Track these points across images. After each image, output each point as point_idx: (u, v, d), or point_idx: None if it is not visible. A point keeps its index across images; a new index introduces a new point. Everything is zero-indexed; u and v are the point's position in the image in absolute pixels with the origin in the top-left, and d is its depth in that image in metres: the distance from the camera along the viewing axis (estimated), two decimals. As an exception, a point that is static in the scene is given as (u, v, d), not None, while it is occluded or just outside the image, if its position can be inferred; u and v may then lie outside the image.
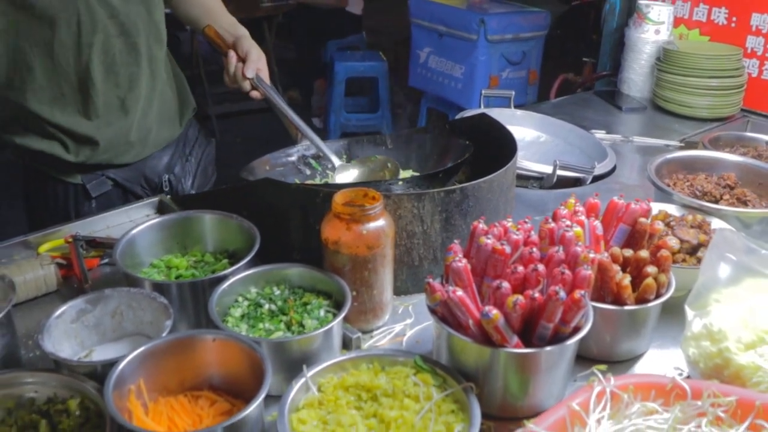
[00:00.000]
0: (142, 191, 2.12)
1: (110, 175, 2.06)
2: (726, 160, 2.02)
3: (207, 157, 2.32)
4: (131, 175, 2.10)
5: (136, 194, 2.12)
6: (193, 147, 2.27)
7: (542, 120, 2.69)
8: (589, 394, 1.12)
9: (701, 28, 3.14)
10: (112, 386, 1.12)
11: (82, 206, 2.04)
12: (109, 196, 2.06)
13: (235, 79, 1.97)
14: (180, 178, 2.19)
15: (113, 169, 2.06)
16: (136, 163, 2.09)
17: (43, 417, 1.16)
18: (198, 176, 2.26)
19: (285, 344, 1.28)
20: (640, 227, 1.44)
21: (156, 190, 2.14)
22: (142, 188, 2.13)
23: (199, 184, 2.26)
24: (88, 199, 2.04)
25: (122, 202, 2.06)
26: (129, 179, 2.09)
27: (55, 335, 1.28)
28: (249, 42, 2.00)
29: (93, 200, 2.04)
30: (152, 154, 2.13)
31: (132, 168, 2.09)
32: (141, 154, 2.09)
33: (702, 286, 1.33)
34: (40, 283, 1.58)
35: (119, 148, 2.03)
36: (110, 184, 2.06)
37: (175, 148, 2.20)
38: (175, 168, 2.18)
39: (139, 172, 2.11)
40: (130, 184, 2.10)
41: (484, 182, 1.60)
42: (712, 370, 1.22)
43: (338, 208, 1.40)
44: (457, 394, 1.21)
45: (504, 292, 1.19)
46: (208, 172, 2.32)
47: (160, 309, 1.33)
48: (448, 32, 5.28)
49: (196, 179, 2.25)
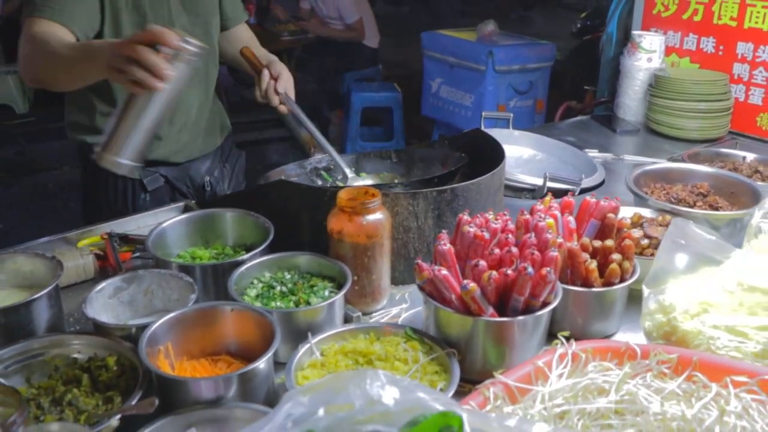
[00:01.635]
0: (186, 190, 2.43)
1: (162, 172, 2.36)
2: (701, 171, 2.20)
3: (239, 167, 2.65)
4: (179, 174, 2.40)
5: (181, 191, 2.41)
6: (228, 157, 2.60)
7: (538, 139, 2.88)
8: (553, 355, 1.30)
9: (691, 56, 3.33)
10: (145, 344, 1.31)
11: (137, 199, 2.34)
12: (160, 192, 2.37)
13: (266, 94, 2.25)
14: (219, 180, 2.52)
15: (165, 168, 2.36)
16: (183, 165, 2.40)
17: (84, 372, 1.35)
18: (232, 180, 2.59)
19: (293, 314, 1.48)
20: (608, 222, 1.63)
21: (198, 189, 2.46)
22: (187, 187, 2.43)
23: (233, 186, 2.59)
24: (144, 192, 2.33)
25: (170, 198, 2.37)
26: (177, 178, 2.40)
27: (96, 307, 1.48)
28: (281, 65, 2.29)
29: (148, 194, 2.34)
30: (196, 159, 2.44)
31: (180, 168, 2.40)
32: (190, 155, 2.40)
33: (659, 269, 1.51)
34: (80, 271, 1.79)
35: (174, 147, 2.33)
36: (162, 181, 2.36)
37: (215, 156, 2.52)
38: (214, 172, 2.51)
39: (185, 172, 2.42)
40: (178, 183, 2.40)
41: (472, 184, 1.80)
42: (662, 338, 1.41)
43: (342, 202, 1.60)
44: (441, 358, 1.40)
45: (481, 269, 1.39)
46: (239, 179, 2.65)
47: (186, 287, 1.53)
48: (458, 63, 5.53)
49: (231, 183, 2.58)
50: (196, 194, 2.46)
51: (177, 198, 2.39)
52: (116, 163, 1.58)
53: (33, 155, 6.74)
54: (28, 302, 1.45)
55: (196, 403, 1.24)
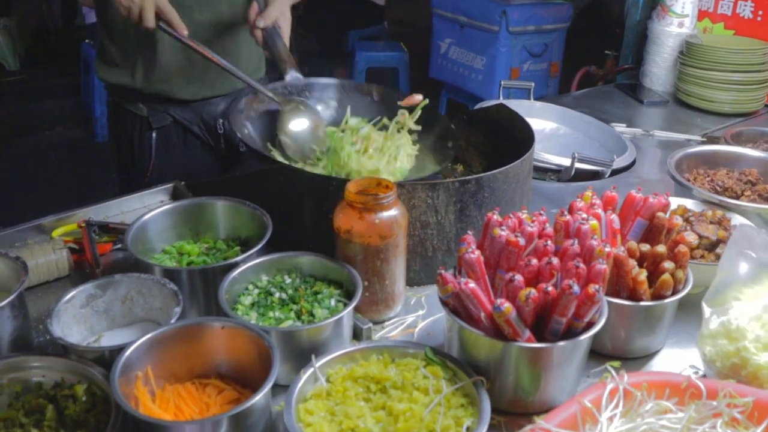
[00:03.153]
0: (199, 131, 2.31)
1: (170, 112, 2.25)
2: (748, 155, 1.98)
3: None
4: (190, 115, 2.28)
5: (194, 133, 2.31)
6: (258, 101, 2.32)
7: (562, 112, 2.65)
8: (602, 391, 1.09)
9: (726, 22, 3.09)
10: (119, 372, 1.11)
11: (144, 135, 2.26)
12: (168, 131, 2.27)
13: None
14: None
15: (174, 108, 2.25)
16: (195, 105, 2.27)
17: (50, 402, 1.15)
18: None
19: (294, 333, 1.27)
20: (658, 222, 1.41)
21: (211, 131, 2.33)
22: (199, 128, 2.31)
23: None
24: (150, 130, 2.25)
25: (182, 140, 2.30)
26: (188, 118, 2.28)
27: (65, 320, 1.28)
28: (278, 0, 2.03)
29: (153, 131, 2.25)
30: (210, 100, 2.29)
31: (191, 108, 2.27)
32: (198, 93, 2.25)
33: (720, 283, 1.30)
34: (51, 268, 1.58)
35: (178, 81, 2.19)
36: (170, 120, 2.26)
37: (235, 99, 2.26)
38: (230, 115, 2.24)
39: (197, 113, 2.29)
40: (189, 123, 2.29)
41: (500, 173, 1.58)
42: (729, 370, 1.20)
43: (351, 197, 1.38)
44: (467, 387, 1.19)
45: (517, 285, 1.17)
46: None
47: (169, 295, 1.32)
48: (470, 23, 5.24)
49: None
50: (209, 136, 2.33)
51: (189, 140, 2.32)
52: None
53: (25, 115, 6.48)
54: (-14, 314, 1.24)
55: (179, 448, 1.04)
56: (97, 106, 5.80)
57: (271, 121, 1.88)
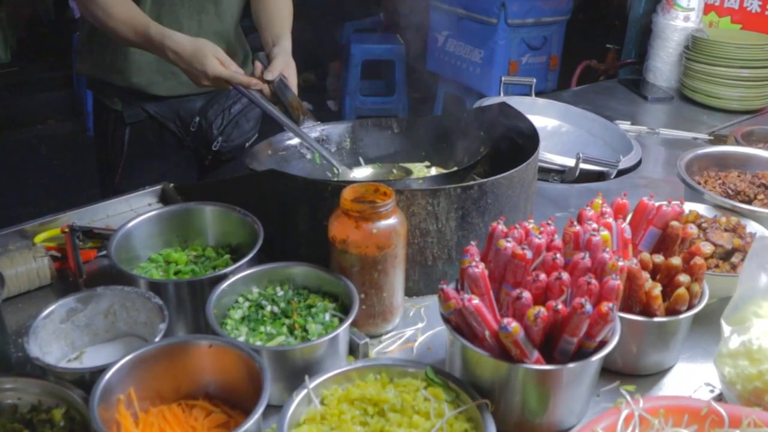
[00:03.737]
0: (175, 128, 2.26)
1: (146, 107, 2.21)
2: (760, 156, 1.90)
3: (249, 113, 2.35)
4: (166, 111, 2.23)
5: (169, 129, 2.26)
6: (237, 101, 2.31)
7: (564, 109, 2.57)
8: (617, 418, 1.03)
9: (733, 16, 3.01)
10: (98, 398, 1.04)
11: (118, 131, 2.23)
12: (142, 127, 2.23)
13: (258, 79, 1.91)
14: (211, 123, 2.28)
15: (150, 104, 2.20)
16: (170, 100, 2.22)
17: (25, 426, 1.09)
18: (230, 126, 2.31)
19: (287, 353, 1.19)
20: (672, 231, 1.34)
21: (187, 128, 2.28)
22: (175, 125, 2.26)
23: (230, 134, 2.32)
24: (123, 125, 2.21)
25: (157, 136, 2.25)
26: (163, 114, 2.23)
27: (43, 336, 1.20)
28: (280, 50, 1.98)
29: (127, 126, 2.21)
30: (188, 97, 2.24)
31: (167, 104, 2.23)
32: (175, 90, 2.20)
33: (740, 299, 1.23)
34: (33, 277, 1.50)
35: (154, 77, 2.15)
36: (144, 115, 2.21)
37: (214, 97, 2.28)
38: (208, 112, 2.27)
39: (173, 109, 2.24)
40: (164, 119, 2.24)
41: (503, 178, 1.50)
42: (751, 394, 1.12)
43: (347, 205, 1.30)
44: (470, 411, 1.12)
45: (524, 303, 1.10)
46: (244, 128, 2.35)
47: (154, 310, 1.24)
48: (468, 15, 5.14)
49: (226, 128, 2.31)
50: (185, 133, 2.28)
51: (165, 136, 2.27)
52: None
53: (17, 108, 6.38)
54: (-42, 332, 1.16)
55: (162, 482, 0.96)
56: (89, 99, 5.69)
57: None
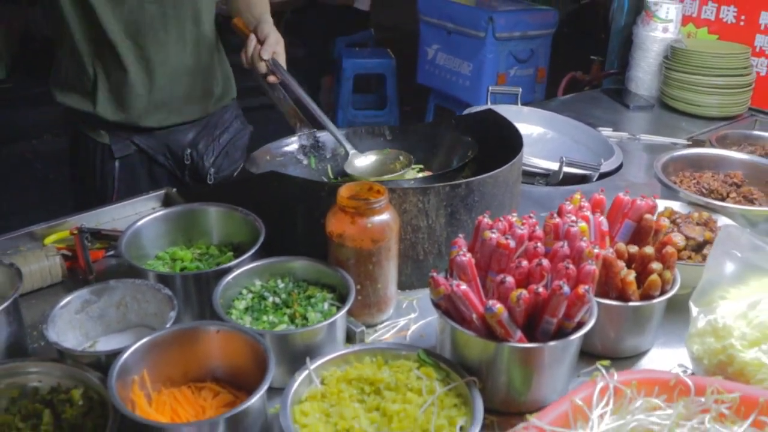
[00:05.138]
0: (165, 160, 2.25)
1: (135, 140, 2.18)
2: (733, 158, 2.01)
3: (237, 142, 2.38)
4: (155, 143, 2.21)
5: (159, 162, 2.24)
6: (225, 130, 2.34)
7: (549, 117, 2.68)
8: (592, 390, 1.11)
9: (710, 27, 3.13)
10: (116, 376, 1.12)
11: (106, 166, 2.18)
12: (132, 160, 2.20)
13: (251, 61, 2.01)
14: (202, 155, 2.27)
15: (139, 136, 2.18)
16: (160, 133, 2.20)
17: (46, 406, 1.16)
18: (221, 156, 2.32)
19: (288, 337, 1.28)
20: (645, 223, 1.43)
21: (178, 161, 2.26)
22: (165, 158, 2.25)
23: (220, 164, 2.32)
24: (112, 159, 2.17)
25: (146, 169, 2.23)
26: (152, 147, 2.21)
27: (60, 325, 1.28)
28: (269, 27, 2.06)
29: (116, 161, 2.17)
30: (178, 128, 2.22)
31: (156, 137, 2.20)
32: (165, 120, 2.18)
33: (707, 282, 1.33)
34: (45, 274, 1.59)
35: (143, 108, 2.12)
36: (133, 148, 2.19)
37: (204, 127, 2.29)
38: (198, 144, 2.27)
39: (162, 142, 2.22)
40: (154, 152, 2.22)
41: (489, 177, 1.60)
42: (716, 367, 1.22)
43: (343, 202, 1.40)
44: (460, 388, 1.21)
45: (508, 287, 1.19)
46: (234, 157, 2.36)
47: (164, 300, 1.33)
48: (457, 29, 5.27)
49: (218, 158, 2.31)
50: (176, 166, 2.27)
51: (154, 170, 2.25)
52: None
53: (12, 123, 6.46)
54: (-19, 321, 1.25)
55: (176, 450, 1.05)
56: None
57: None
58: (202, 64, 2.21)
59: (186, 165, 2.27)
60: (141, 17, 2.02)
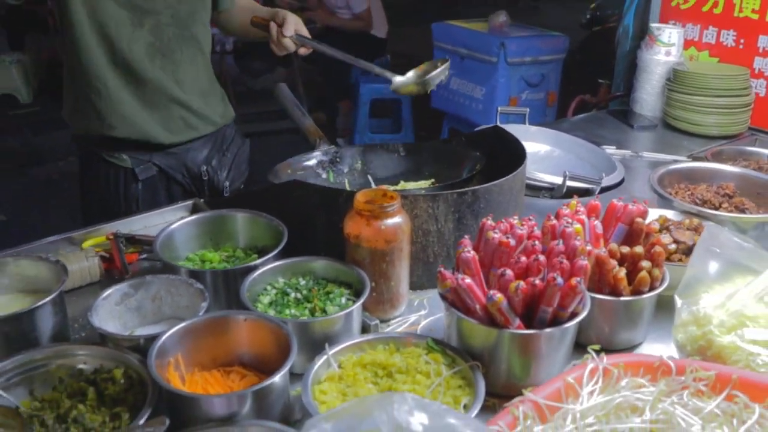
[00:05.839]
0: (182, 179, 2.38)
1: (155, 161, 2.30)
2: (725, 171, 2.13)
3: (242, 155, 2.56)
4: (174, 162, 2.35)
5: (177, 181, 2.37)
6: (230, 145, 2.51)
7: (555, 135, 2.81)
8: (583, 370, 1.23)
9: (710, 50, 3.25)
10: (155, 356, 1.25)
11: (129, 188, 2.29)
12: (153, 181, 2.32)
13: (279, 42, 2.21)
14: (217, 170, 2.43)
15: (158, 156, 2.31)
16: (178, 153, 2.34)
17: (90, 385, 1.29)
18: (232, 170, 2.50)
19: (309, 325, 1.41)
20: (636, 226, 1.56)
21: (195, 178, 2.40)
22: (183, 176, 2.38)
23: (233, 177, 2.50)
24: (135, 182, 2.29)
25: (165, 188, 2.36)
26: (171, 167, 2.35)
27: (102, 315, 1.42)
28: (284, 11, 2.27)
29: (139, 182, 2.29)
30: (192, 146, 2.37)
31: (174, 156, 2.34)
32: (182, 136, 2.33)
33: (692, 278, 1.44)
34: (84, 274, 1.73)
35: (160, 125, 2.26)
36: (155, 170, 2.32)
37: (213, 143, 2.43)
38: (212, 161, 2.42)
39: (180, 161, 2.36)
40: (173, 171, 2.35)
41: (494, 186, 1.73)
42: (697, 352, 1.34)
43: (359, 206, 1.53)
44: (464, 371, 1.33)
45: (508, 279, 1.32)
46: (241, 168, 2.55)
47: (196, 293, 1.46)
48: (470, 55, 5.44)
49: (230, 172, 2.48)
50: (193, 183, 2.40)
51: (172, 188, 2.37)
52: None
53: (37, 146, 6.68)
54: (32, 310, 1.38)
55: (209, 420, 1.17)
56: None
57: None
58: (209, 84, 2.40)
59: (204, 181, 2.41)
60: (160, 38, 2.18)
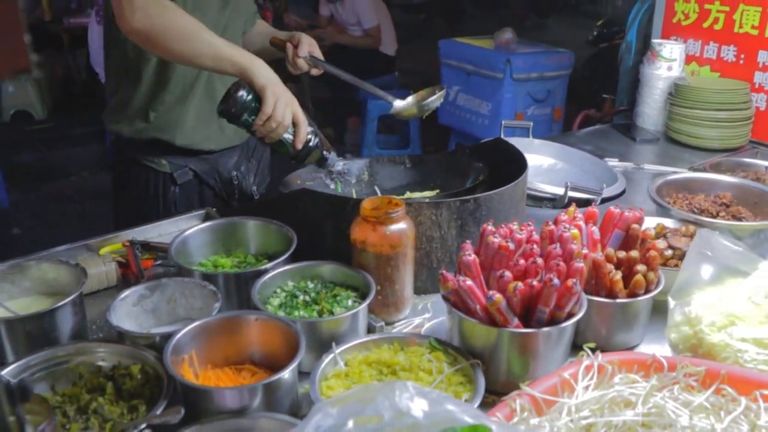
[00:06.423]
0: (215, 183, 2.48)
1: (191, 166, 2.40)
2: (723, 181, 2.18)
3: (264, 161, 2.68)
4: (207, 168, 2.45)
5: (209, 185, 2.46)
6: (254, 152, 2.63)
7: (558, 148, 2.88)
8: (579, 367, 1.29)
9: (711, 65, 3.32)
10: (170, 353, 1.32)
11: (168, 191, 2.39)
12: (189, 185, 2.42)
13: (294, 62, 2.30)
14: (245, 175, 2.56)
15: (194, 162, 2.40)
16: (211, 159, 2.44)
17: (109, 380, 1.36)
18: (258, 175, 2.63)
19: (317, 325, 1.47)
20: (632, 232, 1.62)
21: (225, 183, 2.50)
22: (215, 181, 2.48)
23: (258, 182, 2.63)
24: (174, 185, 2.39)
25: (198, 192, 2.45)
26: (205, 172, 2.44)
27: (119, 315, 1.49)
28: (299, 33, 2.36)
29: (177, 186, 2.39)
30: (223, 153, 2.47)
31: (208, 161, 2.44)
32: (219, 144, 2.43)
33: (684, 281, 1.50)
34: (102, 278, 1.80)
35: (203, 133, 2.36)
36: (191, 175, 2.41)
37: (241, 150, 2.55)
38: (241, 167, 2.55)
39: (213, 166, 2.46)
40: (206, 176, 2.45)
41: (495, 194, 1.79)
42: (688, 350, 1.39)
43: (366, 212, 1.60)
44: (465, 369, 1.39)
45: (506, 280, 1.38)
46: (264, 173, 2.69)
47: (209, 295, 1.53)
48: (476, 71, 5.53)
49: (256, 177, 2.62)
50: (223, 188, 2.50)
51: (204, 192, 2.46)
52: None
53: (52, 161, 6.79)
54: (53, 310, 1.46)
55: (221, 412, 1.24)
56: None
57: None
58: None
59: (234, 185, 2.52)
60: None
